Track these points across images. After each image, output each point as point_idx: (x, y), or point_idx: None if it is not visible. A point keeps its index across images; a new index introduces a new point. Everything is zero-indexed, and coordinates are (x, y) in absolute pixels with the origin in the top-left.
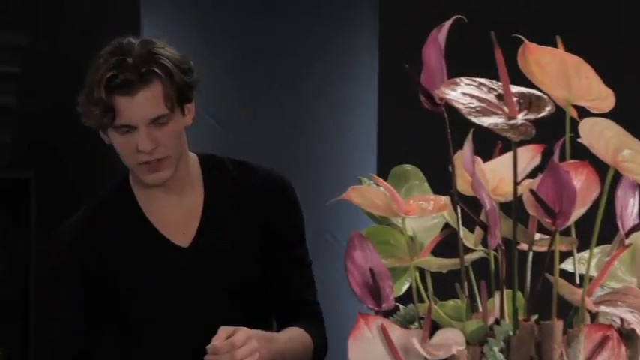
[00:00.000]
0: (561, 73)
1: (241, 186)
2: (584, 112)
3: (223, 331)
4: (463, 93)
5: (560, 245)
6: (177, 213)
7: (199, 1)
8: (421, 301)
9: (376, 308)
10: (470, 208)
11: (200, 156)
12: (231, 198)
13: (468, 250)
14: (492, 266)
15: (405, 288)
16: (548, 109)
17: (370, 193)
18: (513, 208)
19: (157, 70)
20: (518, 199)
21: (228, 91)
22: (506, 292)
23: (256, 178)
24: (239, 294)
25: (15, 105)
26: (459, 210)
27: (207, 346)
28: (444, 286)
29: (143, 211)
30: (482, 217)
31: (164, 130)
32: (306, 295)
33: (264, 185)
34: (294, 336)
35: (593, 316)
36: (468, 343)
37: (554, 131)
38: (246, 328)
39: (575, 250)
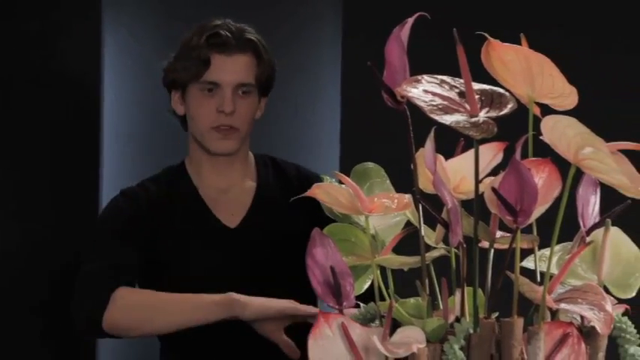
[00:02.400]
0: (524, 71)
1: (291, 184)
2: (547, 110)
3: None
4: (425, 90)
5: (522, 243)
6: (228, 197)
7: (162, 0)
8: (382, 299)
9: (336, 306)
10: (431, 206)
11: (255, 154)
12: (281, 193)
13: (429, 248)
14: (453, 264)
15: (366, 286)
16: (510, 107)
17: (334, 191)
18: (475, 206)
19: (253, 42)
20: (479, 196)
21: None
22: (467, 290)
23: (305, 177)
24: (281, 278)
25: None
26: (420, 208)
27: None
28: (405, 284)
29: (199, 191)
30: (443, 215)
31: (244, 101)
32: None
33: (310, 182)
34: None
35: (554, 313)
36: (428, 341)
37: (517, 129)
38: None
39: (536, 248)
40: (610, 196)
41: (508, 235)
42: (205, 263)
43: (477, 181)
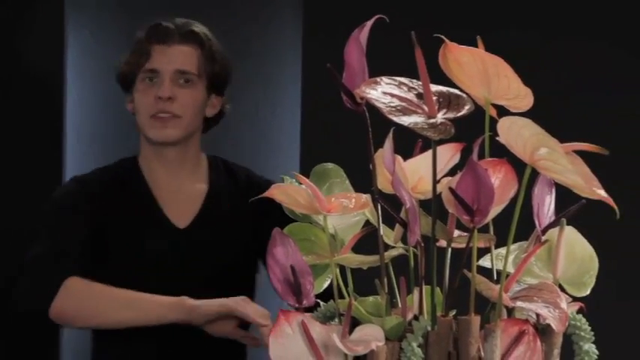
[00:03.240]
0: (481, 72)
1: (241, 188)
2: (503, 111)
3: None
4: (384, 92)
5: (478, 242)
6: (179, 197)
7: (123, 1)
8: (341, 297)
9: (296, 305)
10: (390, 205)
11: (208, 156)
12: (231, 196)
13: (388, 247)
14: (412, 263)
15: (325, 285)
16: (467, 108)
17: (293, 191)
18: (433, 206)
19: (196, 34)
20: (437, 196)
21: None
22: (425, 288)
23: (256, 182)
24: (219, 282)
25: None
26: (379, 208)
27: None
28: (364, 282)
29: (149, 186)
30: (402, 215)
31: (186, 90)
32: None
33: (261, 188)
34: None
35: (510, 311)
36: (387, 338)
37: (474, 130)
38: None
39: (492, 247)
40: (565, 196)
41: (465, 234)
42: (151, 260)
43: (435, 182)
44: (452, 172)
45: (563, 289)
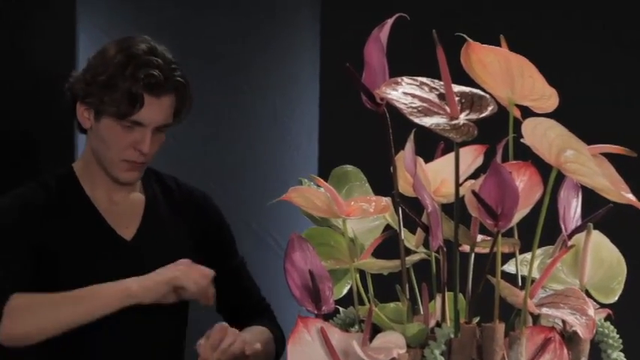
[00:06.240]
0: (504, 73)
1: (174, 197)
2: (527, 112)
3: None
4: (404, 93)
5: (503, 247)
6: (120, 208)
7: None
8: (361, 303)
9: (315, 311)
10: (411, 209)
11: None
12: (167, 205)
13: (409, 251)
14: (434, 268)
15: (345, 290)
16: (490, 109)
17: (311, 194)
18: (455, 210)
19: (179, 83)
20: (460, 200)
21: None
22: (448, 294)
23: (187, 192)
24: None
25: None
26: (400, 211)
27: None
28: (385, 288)
29: (90, 199)
30: (423, 219)
31: (159, 137)
32: (255, 295)
33: (192, 199)
34: (258, 332)
35: (535, 318)
36: (408, 346)
37: (497, 131)
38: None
39: (517, 252)
40: (592, 199)
41: (489, 238)
42: (100, 275)
43: (458, 184)
44: (475, 175)
45: (590, 296)
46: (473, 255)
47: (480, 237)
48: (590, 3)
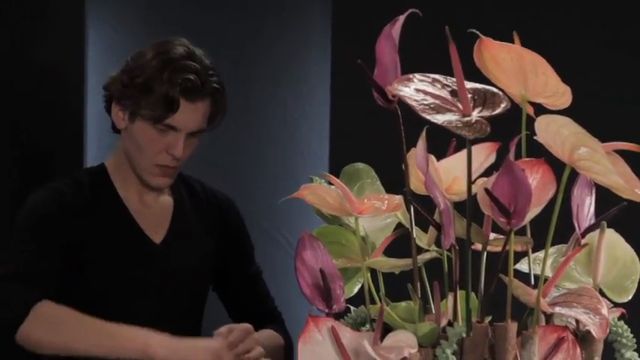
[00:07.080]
0: (517, 69)
1: (199, 200)
2: (540, 109)
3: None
4: (416, 89)
5: (515, 245)
6: (151, 211)
7: None
8: (373, 302)
9: (326, 310)
10: (423, 207)
11: None
12: (193, 208)
13: (420, 250)
14: (446, 267)
15: (356, 289)
16: (503, 106)
17: (323, 192)
18: (468, 208)
19: (216, 87)
20: (472, 198)
21: None
22: (460, 293)
23: (212, 195)
24: (189, 295)
25: None
26: (412, 209)
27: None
28: (397, 287)
29: (122, 199)
30: (435, 217)
31: (192, 142)
32: (269, 303)
33: (216, 202)
34: (270, 336)
35: (548, 317)
36: (420, 345)
37: (510, 129)
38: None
39: (530, 251)
40: (605, 197)
41: (501, 237)
42: (129, 277)
43: (470, 182)
44: (487, 173)
45: (603, 295)
46: (485, 253)
47: (492, 235)
48: (590, 3)
